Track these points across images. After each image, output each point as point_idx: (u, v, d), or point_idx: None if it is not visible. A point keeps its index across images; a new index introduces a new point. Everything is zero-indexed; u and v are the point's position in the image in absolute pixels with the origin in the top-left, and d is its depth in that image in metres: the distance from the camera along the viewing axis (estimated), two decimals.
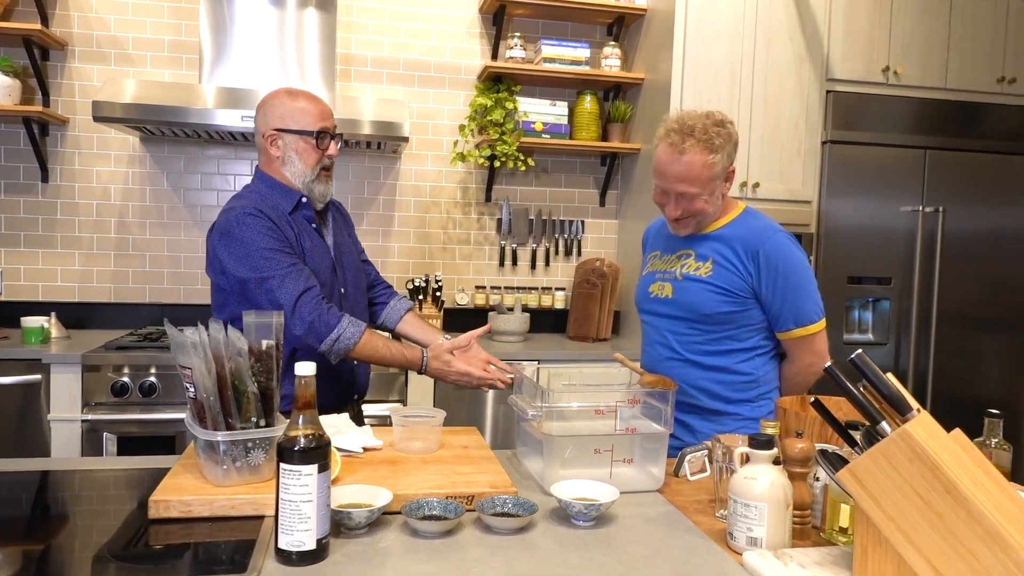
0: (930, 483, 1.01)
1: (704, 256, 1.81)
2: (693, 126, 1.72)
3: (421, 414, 1.61)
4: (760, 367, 1.83)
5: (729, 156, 1.76)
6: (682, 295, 1.81)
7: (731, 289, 1.76)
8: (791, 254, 1.76)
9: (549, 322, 3.69)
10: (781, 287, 1.74)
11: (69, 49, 3.29)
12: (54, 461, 2.09)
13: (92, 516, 1.33)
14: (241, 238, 1.74)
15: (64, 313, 3.19)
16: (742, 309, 1.77)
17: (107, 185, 3.36)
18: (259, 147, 1.90)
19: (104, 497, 1.43)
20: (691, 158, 1.71)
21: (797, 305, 1.75)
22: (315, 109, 1.86)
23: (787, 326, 1.78)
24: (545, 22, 3.62)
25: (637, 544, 1.23)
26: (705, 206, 1.77)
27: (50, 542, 1.20)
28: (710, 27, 3.15)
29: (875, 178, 3.31)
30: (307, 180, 1.86)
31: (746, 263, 1.75)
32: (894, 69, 3.30)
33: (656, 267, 1.93)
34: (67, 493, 1.44)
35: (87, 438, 2.77)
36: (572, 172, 3.74)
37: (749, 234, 1.77)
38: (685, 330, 1.83)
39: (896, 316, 3.37)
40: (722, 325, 1.79)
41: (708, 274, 1.78)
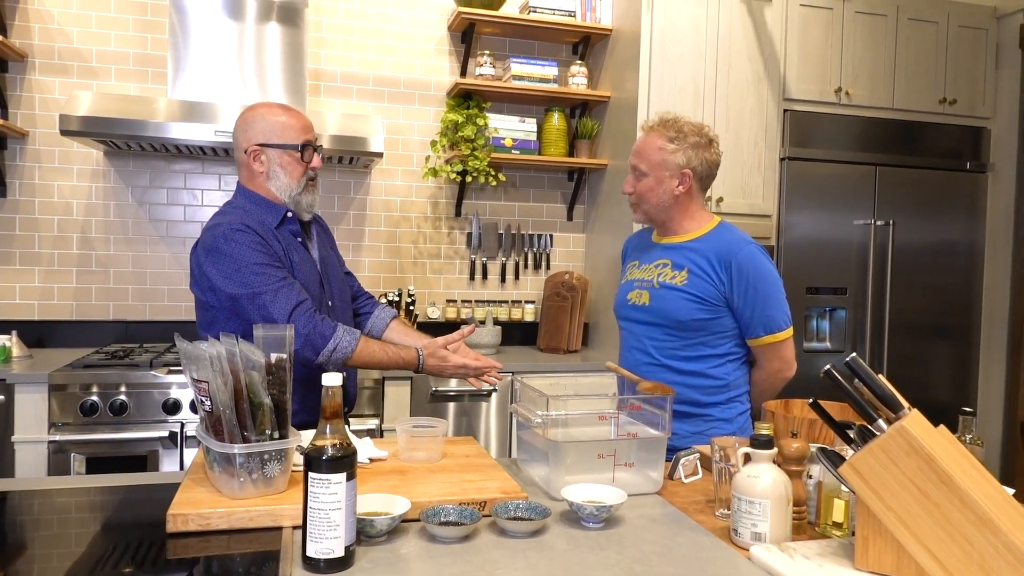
0: (926, 475, 1.09)
1: (680, 265, 1.91)
2: (671, 121, 1.92)
3: (424, 425, 1.63)
4: (731, 372, 1.93)
5: (687, 158, 1.89)
6: (659, 302, 1.91)
7: (705, 297, 1.85)
8: (762, 265, 1.86)
9: (520, 335, 3.74)
10: (752, 296, 1.84)
11: (29, 61, 3.22)
12: (19, 481, 2.04)
13: (98, 535, 1.31)
14: (230, 254, 1.74)
15: (24, 331, 3.10)
16: (715, 316, 1.87)
17: (69, 200, 3.29)
18: (240, 162, 1.89)
19: (104, 517, 1.41)
20: (650, 139, 1.92)
21: (767, 313, 1.86)
22: (297, 123, 1.87)
23: (757, 333, 1.88)
24: (513, 40, 3.70)
25: (648, 543, 1.28)
26: (646, 192, 1.92)
27: (28, 566, 1.18)
28: (674, 47, 3.27)
29: (830, 193, 3.47)
30: (293, 193, 1.87)
31: (719, 272, 1.85)
32: (846, 90, 3.48)
33: (634, 275, 2.02)
34: (36, 516, 1.42)
35: (54, 460, 2.69)
36: (540, 187, 3.81)
37: (723, 245, 1.88)
38: (661, 336, 1.92)
39: (851, 324, 3.52)
40: (696, 332, 1.88)
41: (683, 283, 1.88)
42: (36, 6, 3.21)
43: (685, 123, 1.92)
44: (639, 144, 1.95)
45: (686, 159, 1.89)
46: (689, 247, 1.93)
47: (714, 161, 1.95)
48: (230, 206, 1.90)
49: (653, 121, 1.96)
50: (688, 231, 1.96)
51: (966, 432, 1.46)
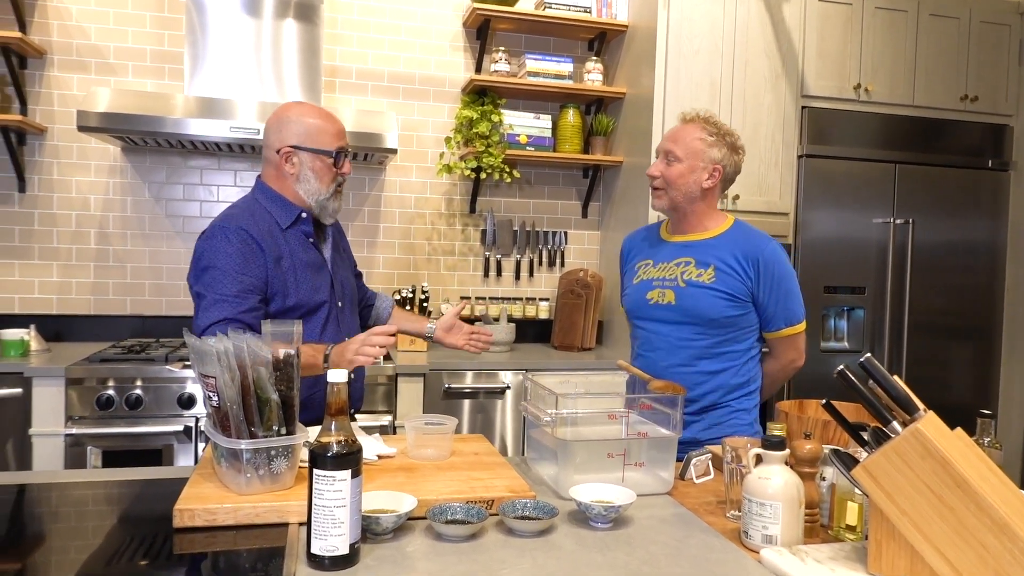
0: (941, 478, 1.07)
1: (705, 263, 1.91)
2: (710, 117, 1.97)
3: (434, 422, 1.63)
4: (752, 368, 1.98)
5: (723, 154, 1.93)
6: (687, 301, 1.90)
7: (734, 294, 1.88)
8: (784, 261, 1.92)
9: (534, 332, 3.73)
10: (776, 290, 1.89)
11: (48, 57, 3.25)
12: (40, 474, 2.06)
13: (95, 530, 1.32)
14: (209, 250, 1.75)
15: (42, 325, 3.13)
16: (743, 313, 1.90)
17: (87, 195, 3.32)
18: (268, 160, 1.88)
19: (116, 510, 1.42)
20: (690, 127, 1.95)
21: (788, 307, 1.92)
22: (333, 128, 1.86)
23: (778, 326, 1.93)
24: (528, 37, 3.68)
25: (657, 544, 1.27)
26: (677, 177, 1.92)
27: (45, 557, 1.19)
28: (690, 43, 3.24)
29: (849, 191, 3.43)
30: (321, 198, 1.86)
31: (747, 269, 1.88)
32: (865, 86, 3.43)
33: (651, 275, 2.00)
34: (53, 508, 1.43)
35: (70, 453, 2.72)
36: (555, 184, 3.80)
37: (748, 243, 1.91)
38: (691, 335, 1.92)
39: (870, 324, 3.48)
40: (725, 328, 1.90)
41: (712, 280, 1.89)
42: (55, 3, 3.24)
43: (723, 124, 1.97)
44: (677, 131, 1.96)
45: (720, 156, 1.92)
46: (711, 244, 1.93)
47: (739, 167, 1.99)
48: (243, 200, 1.90)
49: (694, 113, 1.99)
50: (707, 229, 1.97)
51: (984, 435, 1.43)
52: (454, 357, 3.21)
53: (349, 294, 2.04)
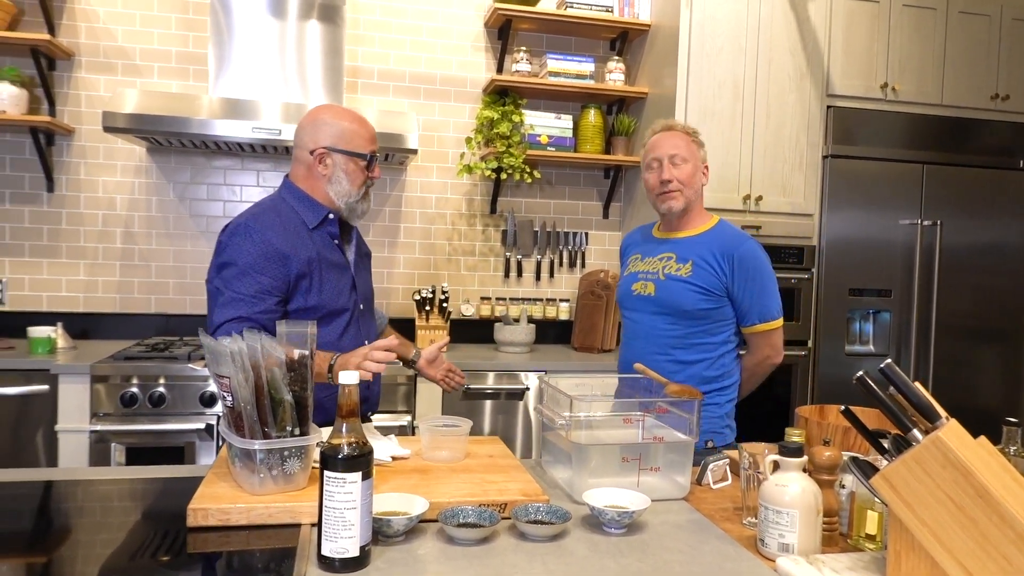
0: (963, 488, 1.04)
1: (684, 258, 2.03)
2: (677, 123, 2.12)
3: (448, 424, 1.62)
4: (728, 364, 2.07)
5: (704, 153, 2.09)
6: (664, 293, 2.02)
7: (708, 288, 1.98)
8: (760, 259, 2.02)
9: (554, 333, 3.72)
10: (750, 286, 1.99)
11: (76, 59, 3.30)
12: (64, 471, 2.09)
13: (115, 526, 1.33)
14: (231, 247, 1.76)
15: (69, 323, 3.18)
16: (717, 306, 2.00)
17: (113, 195, 3.36)
18: (300, 160, 1.88)
19: (132, 507, 1.43)
20: (678, 134, 2.07)
21: (762, 303, 2.01)
22: (367, 132, 1.88)
23: (752, 321, 2.03)
24: (549, 36, 3.67)
25: (671, 551, 1.25)
26: (690, 177, 2.04)
27: (68, 553, 1.20)
28: (713, 42, 3.21)
29: (875, 192, 3.37)
30: (351, 200, 1.87)
31: (722, 264, 1.98)
32: (892, 85, 3.37)
33: (638, 268, 2.14)
34: (81, 504, 1.45)
35: (95, 449, 2.75)
36: (576, 184, 3.78)
37: (725, 240, 2.03)
38: (665, 325, 2.04)
39: (896, 327, 3.42)
40: (699, 320, 2.01)
41: (688, 274, 2.01)
42: (83, 5, 3.29)
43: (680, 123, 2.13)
44: (672, 137, 2.07)
45: (703, 154, 2.09)
46: (693, 241, 2.05)
47: None
48: (270, 199, 1.90)
49: (667, 123, 2.11)
50: (695, 227, 2.09)
51: (1010, 443, 1.39)
52: (473, 358, 3.21)
53: (368, 296, 2.05)
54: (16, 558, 1.16)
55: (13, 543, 1.23)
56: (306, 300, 1.81)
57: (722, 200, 3.23)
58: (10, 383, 2.76)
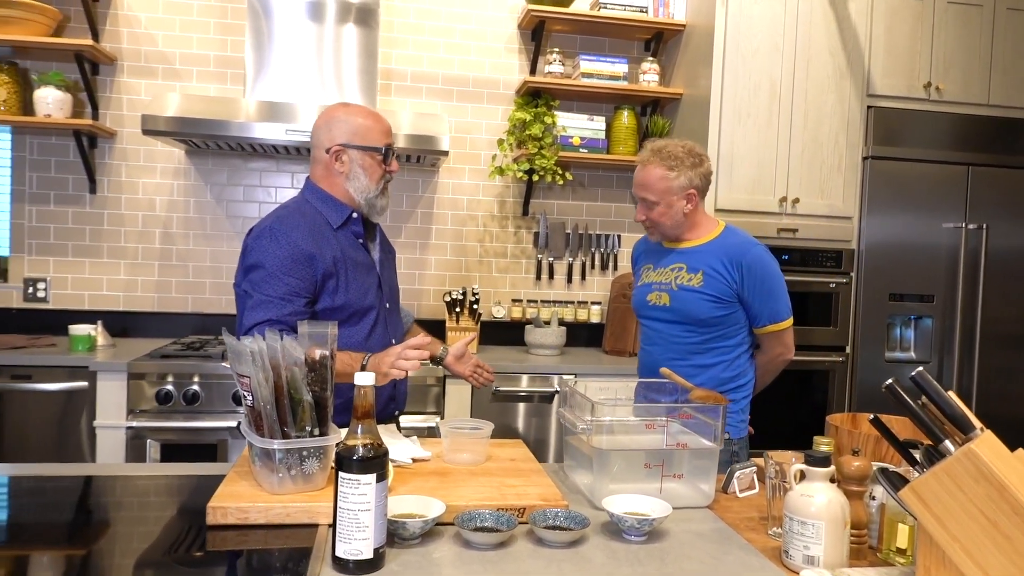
0: (997, 504, 1.00)
1: (695, 268, 2.07)
2: (662, 148, 2.07)
3: (469, 426, 1.61)
4: (743, 364, 2.12)
5: (689, 179, 2.04)
6: (678, 303, 2.07)
7: (720, 296, 2.03)
8: (768, 264, 2.05)
9: (585, 336, 3.69)
10: (759, 290, 2.03)
11: (118, 64, 3.37)
12: (100, 467, 2.14)
13: (144, 521, 1.35)
14: (258, 249, 1.77)
15: (109, 322, 3.25)
16: (730, 312, 2.05)
17: (152, 196, 3.43)
18: (317, 160, 1.90)
19: (159, 503, 1.45)
20: (651, 170, 2.06)
21: (771, 306, 2.06)
22: (380, 126, 1.89)
23: (763, 323, 2.08)
24: (583, 38, 3.65)
25: (691, 560, 1.22)
26: (660, 217, 2.07)
27: (99, 547, 1.22)
28: (749, 42, 3.15)
29: (917, 194, 3.28)
30: (370, 195, 1.88)
31: (732, 271, 2.03)
32: (936, 85, 3.27)
33: (651, 279, 2.17)
34: (117, 498, 1.47)
35: (131, 445, 2.81)
36: (609, 186, 3.75)
37: (733, 248, 2.06)
38: (682, 333, 2.09)
39: (939, 334, 3.32)
40: (714, 327, 2.06)
41: (700, 284, 2.05)
42: (125, 11, 3.37)
43: (676, 147, 2.07)
44: (641, 177, 2.08)
45: (687, 180, 2.04)
46: (701, 251, 2.09)
47: (708, 172, 2.10)
48: (294, 201, 1.91)
49: (645, 154, 2.09)
50: (699, 237, 2.12)
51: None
52: (504, 360, 3.20)
53: (395, 295, 2.05)
54: (56, 550, 1.19)
55: (53, 535, 1.25)
56: (333, 300, 1.81)
57: (757, 203, 3.18)
58: (52, 379, 2.84)
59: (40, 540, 1.23)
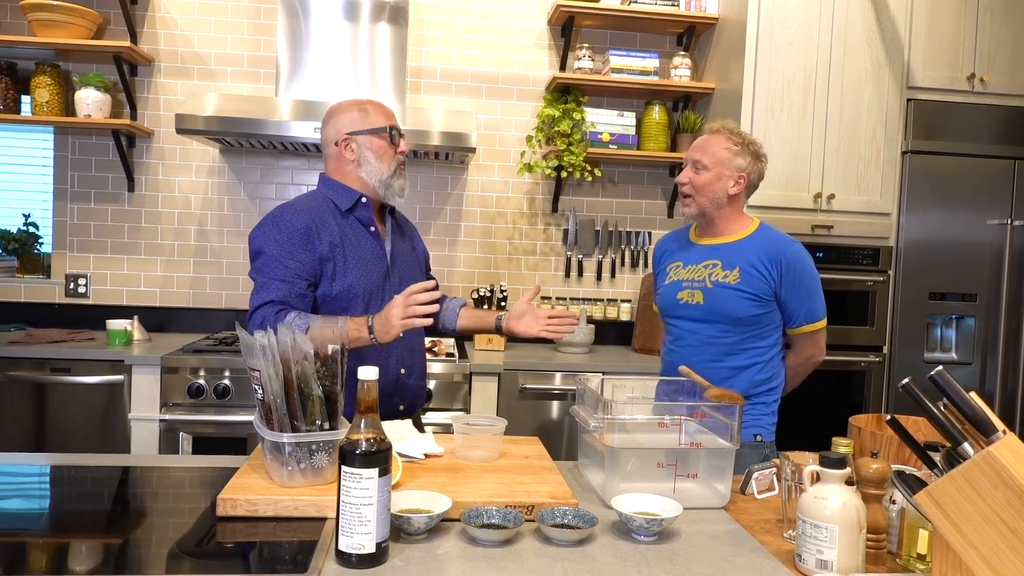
0: (1017, 510, 0.95)
1: (731, 264, 2.00)
2: (735, 128, 2.06)
3: (482, 422, 1.60)
4: (777, 365, 2.05)
5: (748, 163, 2.02)
6: (714, 301, 1.99)
7: (758, 294, 1.97)
8: (807, 261, 2.00)
9: (614, 334, 3.66)
10: (798, 290, 1.98)
11: (156, 65, 3.45)
12: (132, 458, 2.18)
13: (165, 512, 1.37)
14: (259, 238, 1.83)
15: (146, 317, 3.33)
16: (767, 311, 1.99)
17: (188, 194, 3.50)
18: (328, 156, 1.95)
19: (177, 494, 1.47)
20: (715, 137, 2.05)
21: (808, 305, 2.00)
22: (380, 111, 1.94)
23: (799, 323, 2.02)
24: (614, 33, 3.61)
25: (700, 562, 1.20)
26: (705, 185, 2.01)
27: (126, 536, 1.24)
28: (783, 35, 3.08)
29: (959, 189, 3.17)
30: (385, 177, 1.90)
31: (770, 269, 1.97)
32: (980, 76, 3.16)
33: (681, 276, 2.09)
34: (144, 489, 1.50)
35: (164, 437, 2.87)
36: (640, 183, 3.71)
37: (771, 244, 2.00)
38: (716, 332, 2.01)
39: (982, 334, 3.20)
40: (750, 326, 1.99)
41: (737, 281, 1.98)
42: (163, 14, 3.44)
43: (748, 135, 2.07)
44: (702, 141, 2.06)
45: (745, 164, 2.02)
46: (737, 247, 2.02)
47: (762, 174, 2.08)
48: (302, 196, 1.96)
49: (719, 124, 2.08)
50: (733, 232, 2.05)
51: None
52: (530, 357, 3.18)
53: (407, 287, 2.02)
54: (92, 538, 1.22)
55: (90, 523, 1.29)
56: (331, 286, 1.83)
57: (791, 199, 3.11)
58: (89, 372, 2.91)
59: (78, 526, 1.28)
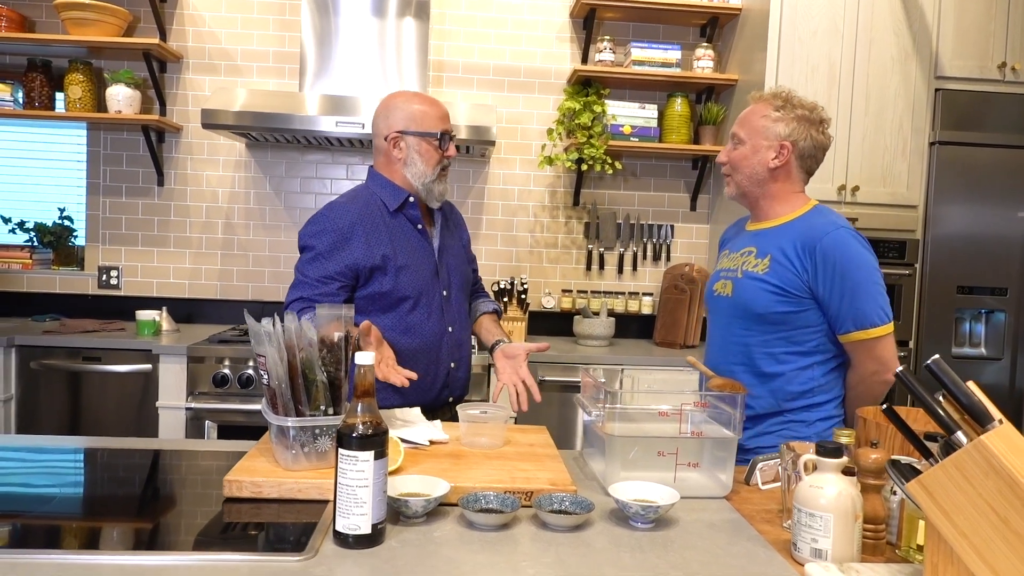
0: (1008, 499, 0.94)
1: (764, 252, 1.75)
2: (782, 91, 1.79)
3: (487, 410, 1.62)
4: (819, 377, 1.73)
5: (791, 129, 1.73)
6: (739, 293, 1.76)
7: (786, 287, 1.68)
8: (851, 250, 1.66)
9: (635, 327, 3.65)
10: (839, 285, 1.64)
11: (184, 61, 3.52)
12: (155, 442, 2.24)
13: (181, 494, 1.42)
14: (306, 234, 1.88)
15: (175, 308, 3.41)
16: (798, 310, 1.68)
17: (215, 188, 3.57)
18: (378, 149, 1.95)
19: (192, 479, 1.52)
20: (755, 106, 1.80)
21: (855, 306, 1.64)
22: (436, 112, 1.92)
23: (846, 328, 1.67)
24: (636, 25, 3.59)
25: (695, 549, 1.20)
26: (740, 160, 1.78)
27: (142, 513, 1.29)
28: (807, 25, 3.04)
29: (990, 181, 3.10)
30: (427, 180, 1.91)
31: (802, 259, 1.67)
32: (1011, 65, 3.08)
33: (723, 265, 1.89)
34: (165, 474, 1.55)
35: (191, 425, 2.94)
36: (662, 176, 3.69)
37: (808, 229, 1.70)
38: (739, 331, 1.77)
39: (1012, 329, 3.13)
40: (776, 326, 1.71)
41: (764, 271, 1.72)
42: (191, 11, 3.51)
43: (796, 97, 1.77)
44: (743, 113, 1.82)
45: (788, 130, 1.73)
46: (777, 232, 1.75)
47: (821, 143, 1.77)
48: (351, 191, 1.98)
49: (764, 92, 1.82)
50: (779, 215, 1.78)
51: None
52: (551, 350, 3.15)
53: (458, 282, 2.02)
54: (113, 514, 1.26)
55: (110, 499, 1.33)
56: (381, 285, 1.86)
57: (815, 191, 2.97)
58: (120, 361, 3.00)
59: (115, 502, 1.32)
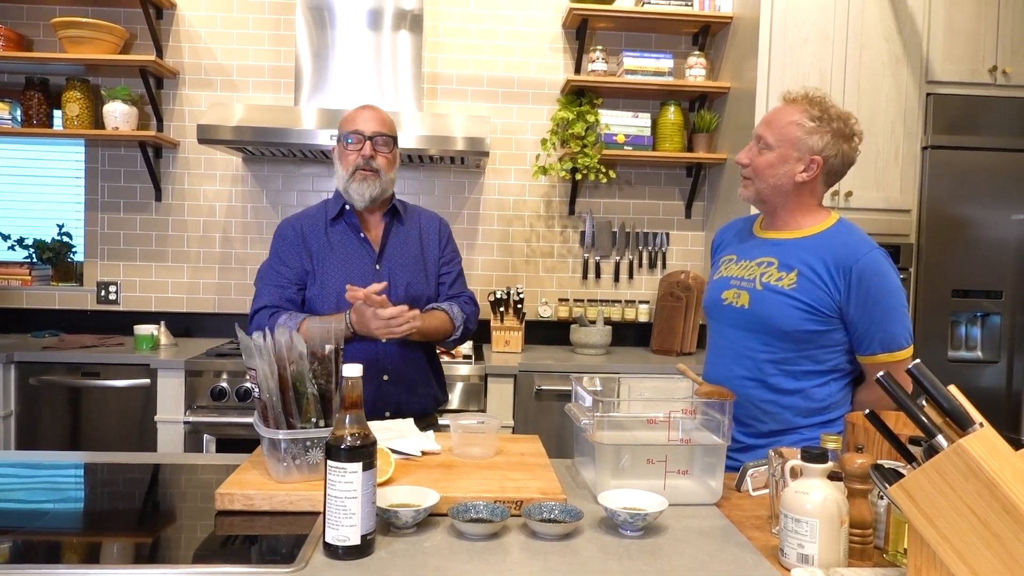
0: (987, 502, 0.95)
1: (789, 266, 1.68)
2: (818, 98, 1.69)
3: (478, 421, 1.63)
4: (835, 393, 1.71)
5: (825, 143, 1.65)
6: (760, 307, 1.69)
7: (816, 306, 1.63)
8: (886, 274, 1.63)
9: (632, 335, 3.66)
10: (871, 308, 1.61)
11: (180, 77, 3.55)
12: (154, 456, 2.25)
13: (177, 507, 1.43)
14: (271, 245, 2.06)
15: (173, 322, 3.42)
16: (826, 329, 1.65)
17: (213, 203, 3.59)
18: None
19: (189, 492, 1.53)
20: (788, 110, 1.69)
21: (886, 328, 1.62)
22: (354, 115, 2.01)
23: (872, 350, 1.64)
24: (628, 34, 3.62)
25: (683, 556, 1.21)
26: (765, 167, 1.69)
27: (139, 526, 1.30)
28: (797, 32, 3.06)
29: (982, 185, 3.11)
30: (344, 182, 2.00)
31: (836, 279, 1.62)
32: (1002, 69, 3.10)
33: (731, 272, 1.80)
34: (162, 488, 1.56)
35: (189, 439, 2.95)
36: (656, 184, 3.70)
37: (842, 248, 1.64)
38: (758, 345, 1.71)
39: (1008, 332, 3.13)
40: (801, 344, 1.66)
41: (792, 286, 1.65)
42: (187, 27, 3.54)
43: (833, 106, 1.68)
44: (773, 113, 1.72)
45: (822, 144, 1.65)
46: (801, 245, 1.69)
47: (851, 159, 1.70)
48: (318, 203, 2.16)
49: (798, 93, 1.71)
50: (801, 227, 1.72)
51: None
52: (546, 359, 3.20)
53: (407, 298, 1.97)
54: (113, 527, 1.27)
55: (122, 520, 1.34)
56: (310, 290, 1.99)
57: None
58: (118, 376, 3.01)
59: (109, 517, 1.33)
